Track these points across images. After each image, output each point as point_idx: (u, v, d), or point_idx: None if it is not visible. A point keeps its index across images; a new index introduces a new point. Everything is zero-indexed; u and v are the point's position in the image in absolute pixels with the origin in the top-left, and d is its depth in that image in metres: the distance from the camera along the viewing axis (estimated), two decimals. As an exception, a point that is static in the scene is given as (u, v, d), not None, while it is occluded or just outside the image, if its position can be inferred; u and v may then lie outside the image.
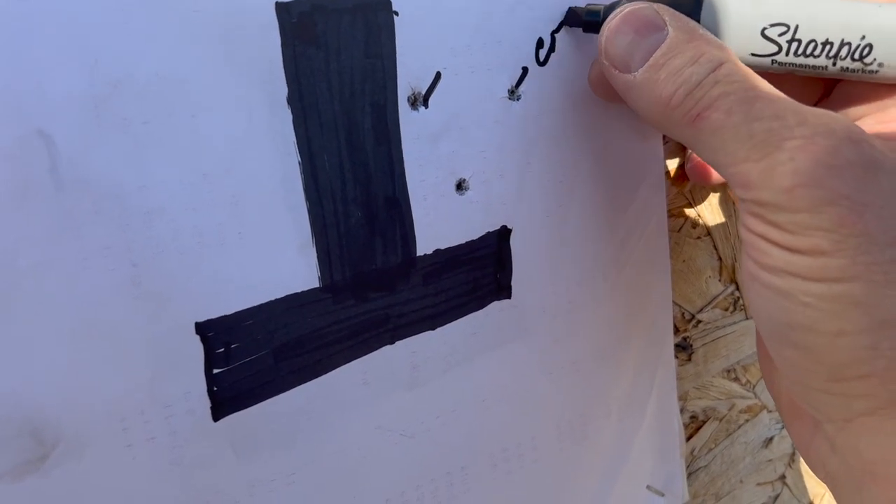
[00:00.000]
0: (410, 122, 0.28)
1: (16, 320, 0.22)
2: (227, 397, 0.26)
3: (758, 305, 0.25)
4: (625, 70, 0.26)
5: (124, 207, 0.23)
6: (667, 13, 0.26)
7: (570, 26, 0.30)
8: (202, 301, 0.25)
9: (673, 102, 0.24)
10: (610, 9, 0.28)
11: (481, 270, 0.31)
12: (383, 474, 0.30)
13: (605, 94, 0.30)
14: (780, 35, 0.26)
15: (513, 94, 0.30)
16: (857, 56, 0.25)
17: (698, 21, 0.26)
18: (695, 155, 0.35)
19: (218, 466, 0.26)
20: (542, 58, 0.30)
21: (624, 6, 0.27)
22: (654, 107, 0.25)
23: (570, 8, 0.30)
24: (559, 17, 0.30)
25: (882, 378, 0.22)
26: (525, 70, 0.30)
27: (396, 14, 0.27)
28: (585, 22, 0.29)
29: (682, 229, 0.36)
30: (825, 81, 0.29)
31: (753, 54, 0.26)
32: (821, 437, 0.26)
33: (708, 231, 0.37)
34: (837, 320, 0.22)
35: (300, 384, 0.27)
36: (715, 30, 0.26)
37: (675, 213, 0.36)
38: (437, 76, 0.28)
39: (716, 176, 0.34)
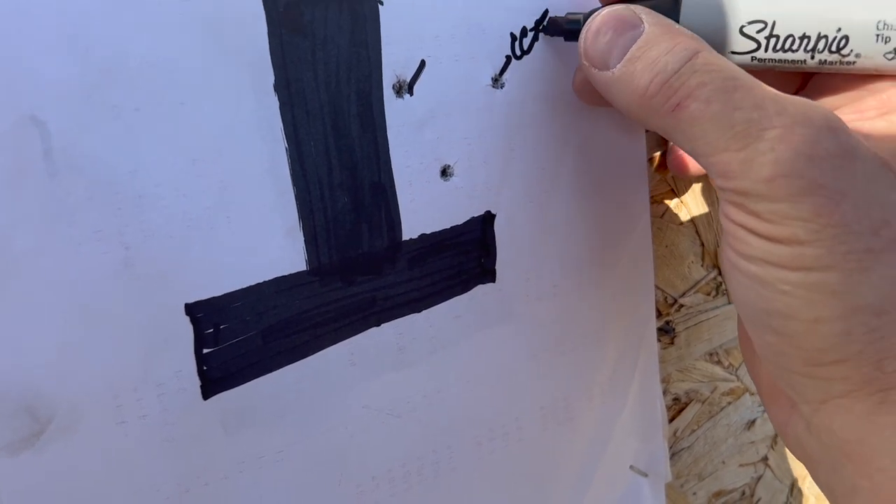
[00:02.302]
0: (395, 110, 0.29)
1: (12, 302, 0.23)
2: (216, 376, 0.27)
3: (738, 293, 0.25)
4: (603, 68, 0.27)
5: (116, 192, 0.24)
6: (643, 12, 0.26)
7: (551, 35, 0.31)
8: (192, 283, 0.26)
9: (650, 92, 0.25)
10: (589, 16, 0.28)
11: (466, 255, 0.32)
12: (370, 452, 0.31)
13: (590, 98, 0.31)
14: (759, 32, 0.27)
15: (496, 82, 0.31)
16: (834, 48, 0.26)
17: (677, 22, 0.27)
18: (675, 146, 0.35)
19: (208, 443, 0.27)
20: (524, 47, 0.31)
21: (602, 9, 0.27)
22: (632, 99, 0.26)
23: (550, 17, 0.31)
24: (543, 7, 0.31)
25: (856, 362, 0.23)
26: (508, 59, 0.31)
27: (381, 3, 0.28)
28: (566, 31, 0.30)
29: (665, 215, 0.37)
30: (802, 75, 0.30)
31: (733, 52, 0.27)
32: (797, 417, 0.26)
33: (690, 217, 0.38)
34: (814, 308, 0.23)
35: (288, 364, 0.28)
36: (694, 30, 0.27)
37: (658, 200, 0.37)
38: (422, 64, 0.29)
39: (696, 167, 0.34)
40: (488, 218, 0.32)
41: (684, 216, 0.37)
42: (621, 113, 0.28)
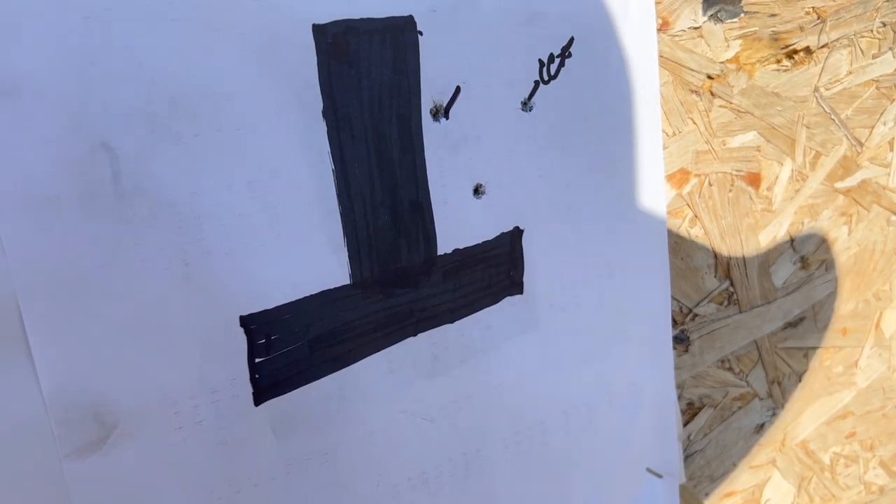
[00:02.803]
0: (432, 133, 0.30)
1: (82, 315, 0.25)
2: (267, 384, 0.29)
3: None
4: None
5: (178, 212, 0.26)
6: None
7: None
8: (246, 297, 0.28)
9: None
10: None
11: (496, 268, 0.33)
12: (406, 455, 0.32)
13: None
14: None
15: (525, 105, 0.32)
16: None
17: None
18: None
19: (259, 447, 0.29)
20: (552, 73, 0.33)
21: None
22: None
23: None
24: (569, 34, 0.33)
25: None
26: (537, 84, 0.33)
27: (421, 34, 0.29)
28: None
29: (681, 229, 0.39)
30: None
31: None
32: None
33: (704, 231, 0.39)
34: None
35: (333, 372, 0.30)
36: None
37: (675, 214, 0.38)
38: (457, 90, 0.31)
39: None
40: (517, 233, 0.33)
41: (699, 230, 0.39)
42: None
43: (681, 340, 0.40)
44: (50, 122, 0.23)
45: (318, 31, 0.27)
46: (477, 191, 0.32)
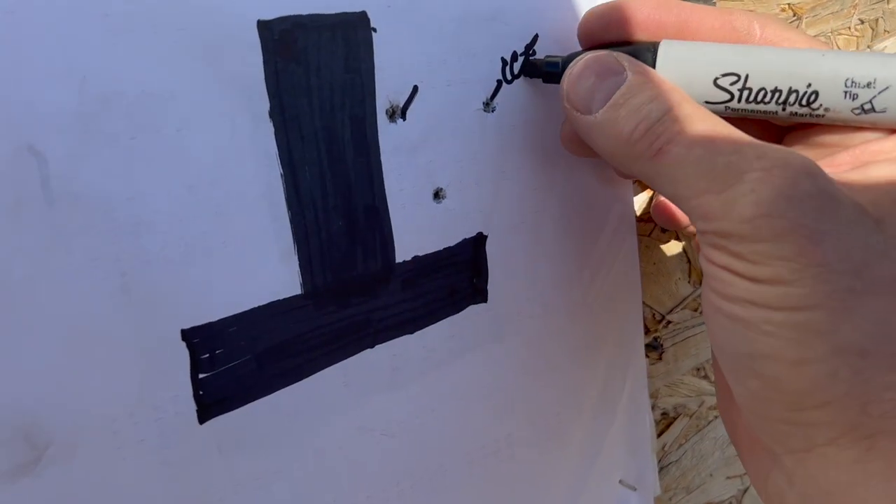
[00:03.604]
0: (389, 134, 0.29)
1: (10, 329, 0.23)
2: (212, 401, 0.27)
3: (720, 337, 0.25)
4: (586, 112, 0.27)
5: (113, 220, 0.24)
6: (625, 59, 0.27)
7: (530, 77, 0.31)
8: (188, 309, 0.26)
9: (634, 137, 0.25)
10: (569, 59, 0.29)
11: (458, 276, 0.32)
12: (365, 472, 0.31)
13: (576, 149, 0.31)
14: (732, 84, 0.27)
15: (487, 106, 0.31)
16: (804, 102, 0.27)
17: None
18: (659, 197, 0.36)
19: (205, 466, 0.27)
20: (514, 72, 0.31)
21: (584, 54, 0.28)
22: (615, 144, 0.26)
23: (526, 59, 0.31)
24: (532, 32, 0.31)
25: (841, 405, 0.23)
26: (499, 83, 0.31)
27: (374, 30, 0.28)
28: (545, 73, 0.30)
29: (652, 234, 0.38)
30: (776, 131, 0.31)
31: (708, 102, 0.27)
32: (778, 471, 0.26)
33: (677, 234, 0.38)
34: (798, 348, 0.23)
35: (283, 387, 0.28)
36: (669, 79, 0.27)
37: (645, 218, 0.37)
38: (415, 90, 0.29)
39: (682, 217, 0.35)
40: (480, 239, 0.32)
41: (671, 234, 0.38)
42: (600, 156, 0.28)
43: (654, 348, 0.39)
44: (-33, 123, 0.22)
45: (264, 27, 0.26)
46: (437, 195, 0.31)
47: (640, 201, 0.37)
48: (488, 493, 0.35)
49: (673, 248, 0.38)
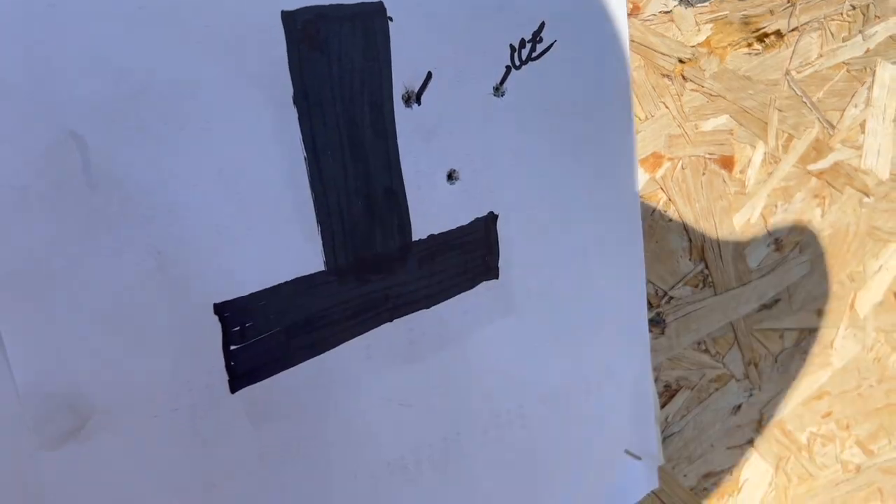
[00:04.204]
0: (405, 119, 0.31)
1: (55, 307, 0.25)
2: (243, 371, 0.29)
3: None
4: None
5: (149, 202, 0.26)
6: None
7: None
8: (220, 285, 0.28)
9: None
10: None
11: (471, 253, 0.34)
12: (384, 440, 0.33)
13: None
14: None
15: (497, 90, 0.33)
16: None
17: None
18: None
19: (235, 434, 0.29)
20: (523, 58, 0.33)
21: None
22: None
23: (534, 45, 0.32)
24: (540, 19, 0.33)
25: None
26: (508, 69, 0.33)
27: (391, 20, 0.29)
28: None
29: (655, 213, 0.39)
30: None
31: None
32: None
33: (679, 214, 0.40)
34: None
35: (309, 359, 0.30)
36: None
37: (648, 198, 0.39)
38: (429, 76, 0.31)
39: None
40: (491, 218, 0.34)
41: (673, 214, 0.40)
42: None
43: (657, 323, 0.40)
44: (15, 111, 0.23)
45: (288, 18, 0.27)
46: (451, 176, 0.32)
47: (643, 182, 0.38)
48: (501, 460, 0.36)
49: (675, 227, 0.40)
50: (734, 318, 0.43)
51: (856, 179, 0.46)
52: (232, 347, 0.28)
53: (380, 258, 0.31)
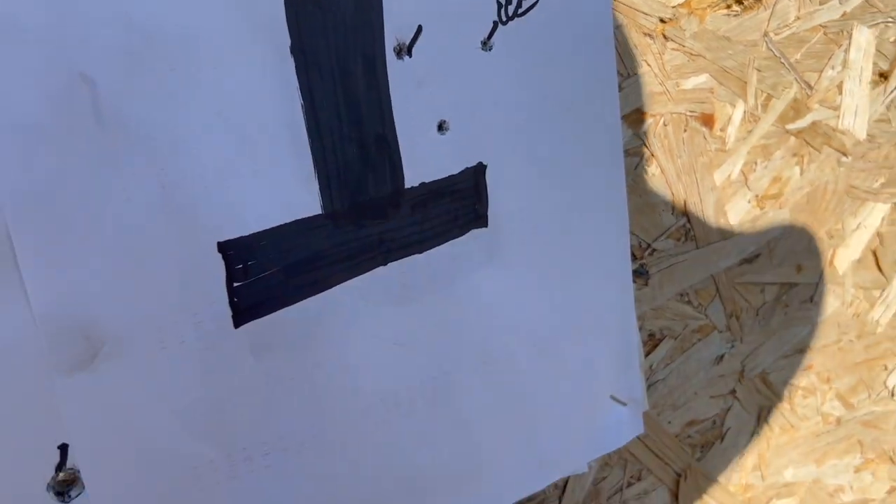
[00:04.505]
0: (396, 70, 0.32)
1: (67, 239, 0.27)
2: (245, 307, 0.30)
3: None
4: None
5: (155, 141, 0.28)
6: None
7: None
8: (222, 223, 0.29)
9: None
10: None
11: (461, 202, 0.35)
12: (379, 377, 0.34)
13: None
14: None
15: (485, 44, 0.34)
16: None
17: None
18: None
19: (239, 366, 0.31)
20: (510, 13, 0.34)
21: None
22: None
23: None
24: (525, -23, 0.35)
25: None
26: (496, 24, 0.34)
27: (383, -26, 0.31)
28: None
29: (638, 168, 0.41)
30: None
31: None
32: None
33: (661, 169, 0.41)
34: None
35: (308, 297, 0.32)
36: None
37: (632, 153, 0.40)
38: (419, 29, 0.32)
39: None
40: (480, 168, 0.35)
41: (655, 168, 0.41)
42: None
43: (640, 274, 0.42)
44: (32, 53, 0.25)
45: (285, -29, 0.29)
46: (441, 127, 0.34)
47: (626, 137, 0.40)
48: (490, 400, 0.38)
49: (658, 181, 0.42)
50: (716, 272, 0.45)
51: (833, 139, 0.48)
52: (235, 284, 0.30)
53: (374, 203, 0.33)
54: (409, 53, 0.32)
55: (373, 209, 0.33)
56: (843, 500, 0.56)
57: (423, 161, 0.34)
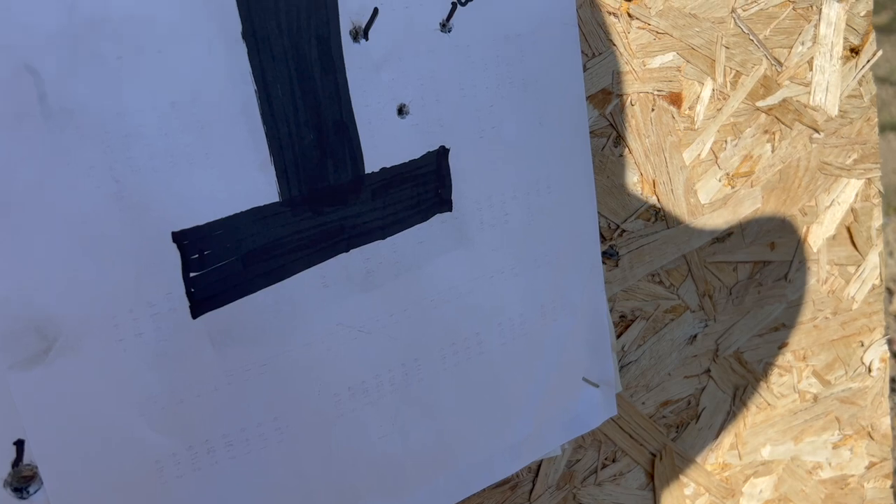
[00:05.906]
0: (353, 54, 0.32)
1: (18, 233, 0.26)
2: (203, 297, 0.30)
3: None
4: None
5: (105, 132, 0.27)
6: None
7: None
8: (177, 213, 0.29)
9: None
10: None
11: (424, 186, 0.35)
12: (345, 365, 0.34)
13: None
14: None
15: (444, 27, 0.34)
16: None
17: None
18: None
19: (198, 358, 0.30)
20: (468, -7, 0.34)
21: None
22: None
23: None
24: (483, -43, 0.34)
25: None
26: (454, 5, 0.34)
27: (335, -44, 0.31)
28: None
29: (605, 149, 0.40)
30: None
31: None
32: None
33: (629, 149, 0.41)
34: None
35: (267, 286, 0.31)
36: None
37: (598, 134, 0.40)
38: (375, 11, 0.32)
39: None
40: (443, 152, 0.35)
41: (623, 149, 0.41)
42: None
43: (610, 255, 0.42)
44: (-30, 42, 0.24)
45: (233, -46, 0.28)
46: (401, 111, 0.33)
47: (592, 119, 0.39)
48: (460, 385, 0.38)
49: (626, 161, 0.41)
50: (687, 251, 0.45)
51: (805, 116, 0.48)
52: (191, 274, 0.30)
53: (333, 189, 0.32)
54: (366, 36, 0.32)
55: (332, 195, 0.33)
56: (822, 477, 0.56)
57: (384, 146, 0.33)
